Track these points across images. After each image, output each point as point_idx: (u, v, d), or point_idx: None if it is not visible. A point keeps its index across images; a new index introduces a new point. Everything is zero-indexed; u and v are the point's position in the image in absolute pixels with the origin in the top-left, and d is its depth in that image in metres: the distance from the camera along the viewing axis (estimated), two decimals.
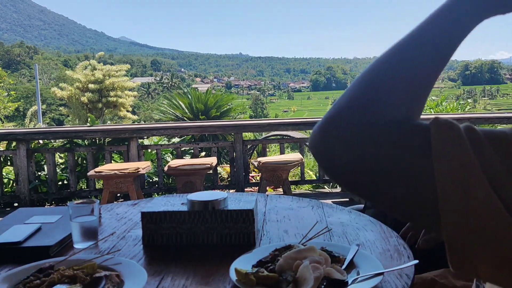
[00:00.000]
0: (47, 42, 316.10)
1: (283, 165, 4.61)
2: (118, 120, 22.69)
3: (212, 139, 8.36)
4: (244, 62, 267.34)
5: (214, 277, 1.00)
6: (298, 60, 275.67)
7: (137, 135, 5.16)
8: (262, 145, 5.79)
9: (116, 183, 4.31)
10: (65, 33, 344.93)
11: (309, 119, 5.87)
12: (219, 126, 5.61)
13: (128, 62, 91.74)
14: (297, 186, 6.47)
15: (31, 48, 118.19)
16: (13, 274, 0.96)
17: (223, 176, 6.99)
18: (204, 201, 1.21)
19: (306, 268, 0.89)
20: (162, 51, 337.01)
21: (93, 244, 1.22)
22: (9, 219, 1.42)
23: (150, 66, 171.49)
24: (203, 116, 12.10)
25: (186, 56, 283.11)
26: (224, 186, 5.48)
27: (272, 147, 11.52)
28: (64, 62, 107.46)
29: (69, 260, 1.02)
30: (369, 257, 1.04)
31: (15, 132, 5.24)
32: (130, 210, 1.60)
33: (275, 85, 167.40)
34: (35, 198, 5.13)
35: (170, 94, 18.39)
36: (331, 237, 1.25)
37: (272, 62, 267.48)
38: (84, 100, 21.25)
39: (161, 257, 1.14)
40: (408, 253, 1.10)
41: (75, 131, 5.33)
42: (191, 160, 4.83)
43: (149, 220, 1.21)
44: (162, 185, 5.32)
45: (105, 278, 0.93)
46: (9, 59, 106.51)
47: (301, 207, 1.58)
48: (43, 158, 5.53)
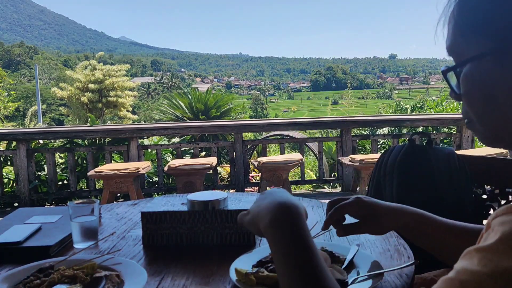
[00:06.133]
0: (47, 42, 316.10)
1: (283, 165, 4.61)
2: (118, 120, 22.69)
3: (212, 139, 8.36)
4: (244, 62, 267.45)
5: (214, 277, 1.00)
6: (298, 60, 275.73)
7: (137, 135, 5.16)
8: (262, 145, 5.79)
9: (116, 183, 4.31)
10: (65, 33, 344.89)
11: (309, 119, 5.87)
12: (219, 126, 5.61)
13: (128, 62, 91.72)
14: (297, 186, 6.47)
15: (31, 48, 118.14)
16: (13, 274, 0.96)
17: (223, 176, 6.99)
18: (204, 201, 1.21)
19: None
20: (162, 51, 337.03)
21: (93, 244, 1.22)
22: (9, 219, 1.42)
23: (150, 66, 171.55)
24: (203, 116, 12.11)
25: (186, 56, 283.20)
26: (224, 186, 5.48)
27: (272, 147, 11.53)
28: (64, 62, 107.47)
29: (69, 260, 1.02)
30: (369, 257, 1.04)
31: (15, 132, 5.24)
32: (130, 210, 1.60)
33: (275, 85, 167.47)
34: (35, 198, 5.13)
35: (170, 94, 18.40)
36: (331, 237, 1.25)
37: (272, 62, 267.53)
38: (84, 100, 21.26)
39: (161, 257, 1.14)
40: (408, 253, 1.10)
41: (75, 131, 5.33)
42: (191, 160, 4.83)
43: (149, 220, 1.21)
44: (162, 185, 5.32)
45: (105, 278, 0.93)
46: (9, 59, 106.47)
47: None
48: (43, 158, 5.53)
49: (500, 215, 0.51)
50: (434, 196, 1.58)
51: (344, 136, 5.39)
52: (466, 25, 0.59)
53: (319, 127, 6.72)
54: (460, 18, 0.60)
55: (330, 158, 8.73)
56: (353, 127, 5.55)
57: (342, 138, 5.41)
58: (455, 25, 0.60)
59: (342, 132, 5.44)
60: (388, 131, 8.04)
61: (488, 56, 0.57)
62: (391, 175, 1.67)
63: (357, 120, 5.68)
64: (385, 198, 1.66)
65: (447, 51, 0.63)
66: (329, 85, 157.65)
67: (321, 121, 5.87)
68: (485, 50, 0.57)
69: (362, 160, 4.54)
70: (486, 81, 0.58)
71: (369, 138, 5.95)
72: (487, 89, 0.58)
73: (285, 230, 0.72)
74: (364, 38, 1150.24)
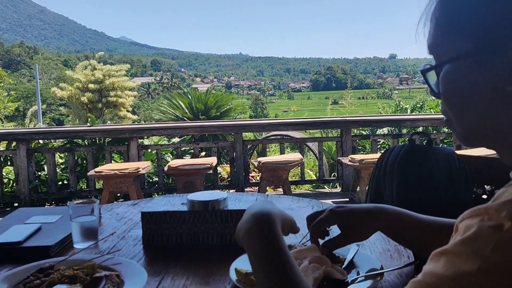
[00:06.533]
0: (47, 42, 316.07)
1: (283, 165, 4.61)
2: (118, 120, 22.68)
3: (212, 139, 8.36)
4: (244, 62, 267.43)
5: (214, 277, 1.00)
6: (298, 60, 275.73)
7: (137, 135, 5.15)
8: (262, 145, 5.79)
9: (116, 183, 4.31)
10: (65, 33, 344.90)
11: (309, 119, 5.87)
12: (219, 126, 5.61)
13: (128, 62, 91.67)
14: (297, 186, 6.47)
15: (31, 48, 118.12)
16: (13, 274, 0.96)
17: (223, 176, 6.99)
18: (204, 201, 1.21)
19: (306, 268, 0.89)
20: (162, 51, 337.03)
21: (93, 244, 1.22)
22: (9, 219, 1.42)
23: (150, 66, 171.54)
24: (203, 116, 12.11)
25: (186, 56, 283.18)
26: (224, 186, 5.48)
27: (272, 147, 11.53)
28: (64, 62, 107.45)
29: (69, 260, 1.02)
30: (369, 257, 1.04)
31: (15, 132, 5.24)
32: (130, 210, 1.60)
33: (275, 85, 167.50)
34: (35, 198, 5.13)
35: (170, 94, 18.40)
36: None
37: (272, 62, 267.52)
38: (84, 100, 21.24)
39: (161, 257, 1.14)
40: (408, 253, 1.10)
41: (75, 131, 5.33)
42: (191, 160, 4.83)
43: (149, 220, 1.21)
44: (162, 185, 5.32)
45: (105, 278, 0.93)
46: (9, 59, 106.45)
47: (301, 207, 1.58)
48: (43, 158, 5.53)
49: (466, 218, 0.52)
50: (434, 196, 1.58)
51: (344, 136, 5.39)
52: (447, 24, 0.59)
53: (319, 127, 6.71)
54: (441, 17, 0.60)
55: (330, 158, 8.73)
56: (353, 127, 5.55)
57: (342, 138, 5.41)
58: (436, 24, 0.61)
59: (342, 132, 5.44)
60: (388, 131, 8.04)
61: (467, 57, 0.57)
62: (391, 175, 1.67)
63: (357, 120, 5.68)
64: (385, 198, 1.66)
65: (428, 50, 0.63)
66: (329, 85, 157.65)
67: (321, 121, 5.87)
68: (464, 51, 0.57)
69: (362, 160, 4.53)
70: (465, 82, 0.58)
71: (369, 138, 5.94)
72: (465, 90, 0.59)
73: (254, 241, 0.76)
74: (364, 38, 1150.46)
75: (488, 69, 0.56)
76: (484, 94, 0.57)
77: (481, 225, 0.48)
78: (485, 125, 0.59)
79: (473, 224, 0.49)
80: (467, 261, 0.47)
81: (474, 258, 0.47)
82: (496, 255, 0.45)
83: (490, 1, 0.55)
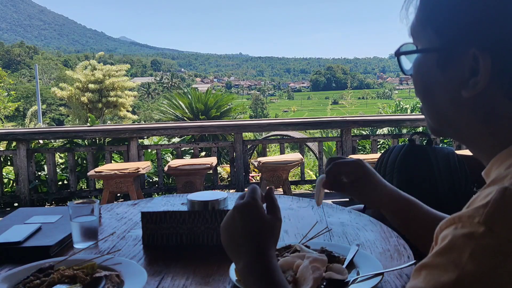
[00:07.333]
0: (47, 42, 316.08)
1: (283, 165, 4.61)
2: (118, 120, 22.68)
3: (212, 139, 8.37)
4: (244, 62, 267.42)
5: (214, 277, 1.00)
6: (298, 60, 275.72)
7: (137, 135, 5.15)
8: (262, 145, 5.79)
9: (116, 183, 4.31)
10: (65, 33, 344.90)
11: (309, 119, 5.87)
12: (219, 126, 5.61)
13: (128, 62, 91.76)
14: (297, 186, 6.48)
15: (31, 48, 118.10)
16: (13, 274, 0.96)
17: (223, 176, 7.00)
18: (204, 201, 1.21)
19: (306, 268, 0.88)
20: (162, 51, 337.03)
21: (93, 244, 1.22)
22: (9, 219, 1.42)
23: (150, 66, 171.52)
24: (203, 116, 12.11)
25: (186, 56, 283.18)
26: (224, 186, 5.48)
27: (272, 147, 11.53)
28: (64, 62, 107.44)
29: (69, 260, 1.02)
30: (369, 257, 1.04)
31: (15, 132, 5.24)
32: (130, 210, 1.60)
33: (275, 85, 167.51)
34: (35, 198, 5.13)
35: (170, 94, 18.40)
36: (331, 237, 1.25)
37: (272, 62, 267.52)
38: (84, 100, 21.24)
39: (161, 257, 1.14)
40: (408, 253, 1.10)
41: (75, 131, 5.32)
42: (191, 160, 4.83)
43: (149, 220, 1.21)
44: (162, 185, 5.32)
45: (105, 278, 0.93)
46: (9, 59, 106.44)
47: (301, 207, 1.58)
48: (43, 158, 5.53)
49: (444, 228, 0.51)
50: (433, 196, 1.58)
51: (344, 136, 5.39)
52: (423, 15, 0.60)
53: (319, 127, 6.71)
54: (421, 6, 0.61)
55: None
56: (353, 127, 5.55)
57: (342, 138, 5.41)
58: (417, 12, 0.62)
59: (342, 132, 5.44)
60: (388, 131, 8.04)
61: (433, 52, 0.59)
62: (391, 174, 1.67)
63: (357, 120, 5.68)
64: None
65: (409, 32, 0.64)
66: (329, 85, 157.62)
67: (321, 121, 5.87)
68: (432, 46, 0.59)
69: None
70: (427, 76, 0.60)
71: (369, 138, 5.94)
72: (428, 84, 0.61)
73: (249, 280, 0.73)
74: (364, 38, 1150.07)
75: (445, 71, 0.57)
76: (442, 93, 0.59)
77: (455, 233, 0.48)
78: (446, 121, 0.61)
79: (448, 234, 0.48)
80: (445, 272, 0.46)
81: (452, 268, 0.46)
82: (473, 264, 0.44)
83: (465, 5, 0.55)
